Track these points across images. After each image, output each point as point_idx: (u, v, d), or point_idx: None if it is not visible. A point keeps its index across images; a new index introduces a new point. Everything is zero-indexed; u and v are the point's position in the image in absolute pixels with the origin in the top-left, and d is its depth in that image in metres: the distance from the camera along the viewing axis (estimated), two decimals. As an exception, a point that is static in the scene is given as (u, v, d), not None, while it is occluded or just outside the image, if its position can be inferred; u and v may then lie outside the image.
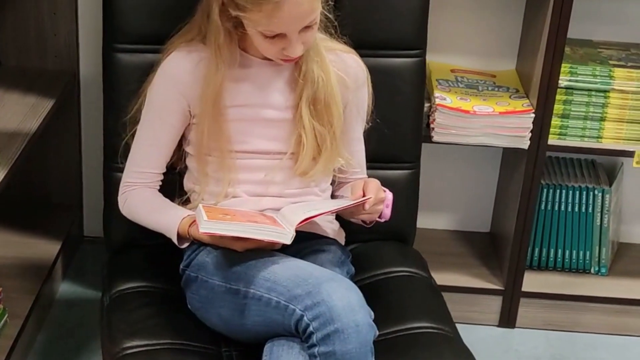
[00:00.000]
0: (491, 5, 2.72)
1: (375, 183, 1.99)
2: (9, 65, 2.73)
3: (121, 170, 2.10)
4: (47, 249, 2.74)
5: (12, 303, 2.44)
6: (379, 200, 1.97)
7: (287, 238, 1.84)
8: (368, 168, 2.20)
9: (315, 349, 1.73)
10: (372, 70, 2.13)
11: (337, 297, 1.74)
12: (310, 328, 1.74)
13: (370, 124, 2.13)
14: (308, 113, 1.98)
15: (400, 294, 2.10)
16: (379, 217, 2.02)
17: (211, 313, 1.94)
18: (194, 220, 1.93)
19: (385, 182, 2.17)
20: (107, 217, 2.22)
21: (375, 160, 2.23)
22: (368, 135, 2.16)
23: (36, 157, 2.82)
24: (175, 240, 1.97)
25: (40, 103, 2.52)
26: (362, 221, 2.06)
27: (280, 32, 1.85)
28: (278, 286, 1.80)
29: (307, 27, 1.87)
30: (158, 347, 1.89)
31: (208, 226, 1.82)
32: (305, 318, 1.75)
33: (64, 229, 2.84)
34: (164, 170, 2.07)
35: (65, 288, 2.81)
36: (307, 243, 1.99)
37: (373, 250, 2.24)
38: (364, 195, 1.95)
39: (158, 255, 2.12)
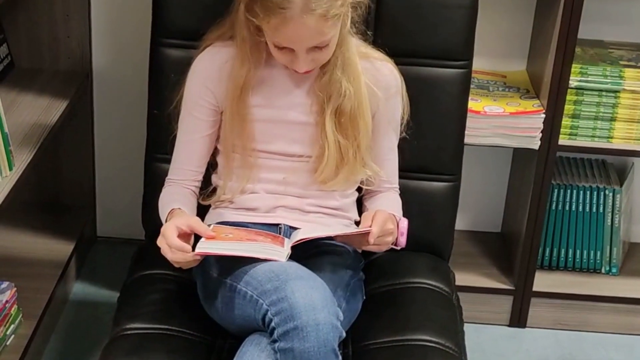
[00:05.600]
0: (502, 6, 2.72)
1: (383, 215, 1.94)
2: (23, 67, 2.75)
3: (161, 161, 2.16)
4: (60, 249, 2.76)
5: (26, 303, 2.47)
6: (386, 232, 1.94)
7: (282, 256, 1.85)
8: (407, 178, 2.20)
9: (276, 345, 1.75)
10: (415, 80, 2.13)
11: (300, 295, 1.75)
12: (273, 323, 1.76)
13: (404, 134, 2.12)
14: (332, 125, 1.99)
15: (410, 305, 2.07)
16: (395, 244, 2.00)
17: (209, 305, 1.97)
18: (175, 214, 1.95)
19: (424, 194, 2.18)
20: (145, 205, 2.26)
21: (414, 170, 2.22)
22: (406, 146, 2.14)
23: (50, 157, 2.84)
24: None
25: (53, 104, 2.54)
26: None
27: (287, 46, 1.87)
28: (253, 280, 1.83)
29: (317, 48, 1.88)
30: (153, 331, 1.93)
31: (203, 246, 1.84)
32: (269, 313, 1.77)
33: (77, 230, 2.86)
34: (201, 169, 2.08)
35: (78, 288, 2.83)
36: (315, 243, 2.01)
37: (402, 259, 2.20)
38: (371, 227, 1.93)
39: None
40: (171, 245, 1.84)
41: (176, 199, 2.03)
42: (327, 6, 1.83)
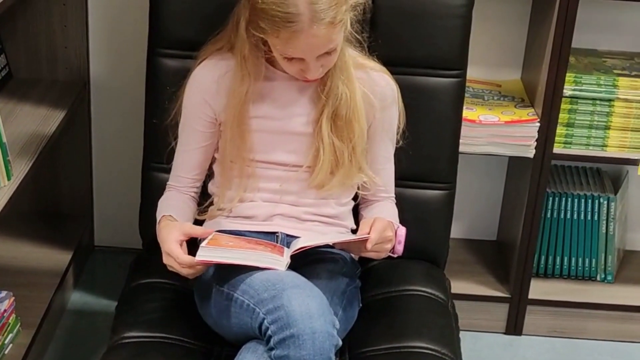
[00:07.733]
0: (496, 15, 2.74)
1: (382, 223, 1.96)
2: (21, 77, 2.77)
3: (158, 170, 2.18)
4: (58, 258, 2.77)
5: (25, 312, 2.47)
6: (385, 240, 1.95)
7: (282, 266, 1.86)
8: (403, 187, 2.21)
9: (272, 352, 1.76)
10: (409, 89, 2.14)
11: (297, 303, 1.76)
12: (269, 331, 1.77)
13: (400, 144, 2.14)
14: (328, 128, 2.00)
15: (407, 312, 2.08)
16: (392, 252, 2.00)
17: (207, 313, 1.98)
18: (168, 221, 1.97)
19: (419, 202, 2.18)
20: (142, 214, 2.27)
21: (410, 179, 2.23)
22: (402, 154, 2.15)
23: (48, 167, 2.85)
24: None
25: (51, 114, 2.56)
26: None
27: (298, 57, 1.89)
28: (250, 289, 1.84)
29: (326, 53, 1.90)
30: (151, 339, 1.94)
31: (204, 253, 1.85)
32: (265, 321, 1.78)
33: (74, 239, 2.87)
34: (199, 177, 2.11)
35: (76, 297, 2.83)
36: (312, 250, 2.01)
37: (398, 267, 2.21)
38: (369, 233, 1.93)
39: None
40: (182, 263, 1.86)
41: (172, 205, 2.04)
42: (334, 13, 1.84)
